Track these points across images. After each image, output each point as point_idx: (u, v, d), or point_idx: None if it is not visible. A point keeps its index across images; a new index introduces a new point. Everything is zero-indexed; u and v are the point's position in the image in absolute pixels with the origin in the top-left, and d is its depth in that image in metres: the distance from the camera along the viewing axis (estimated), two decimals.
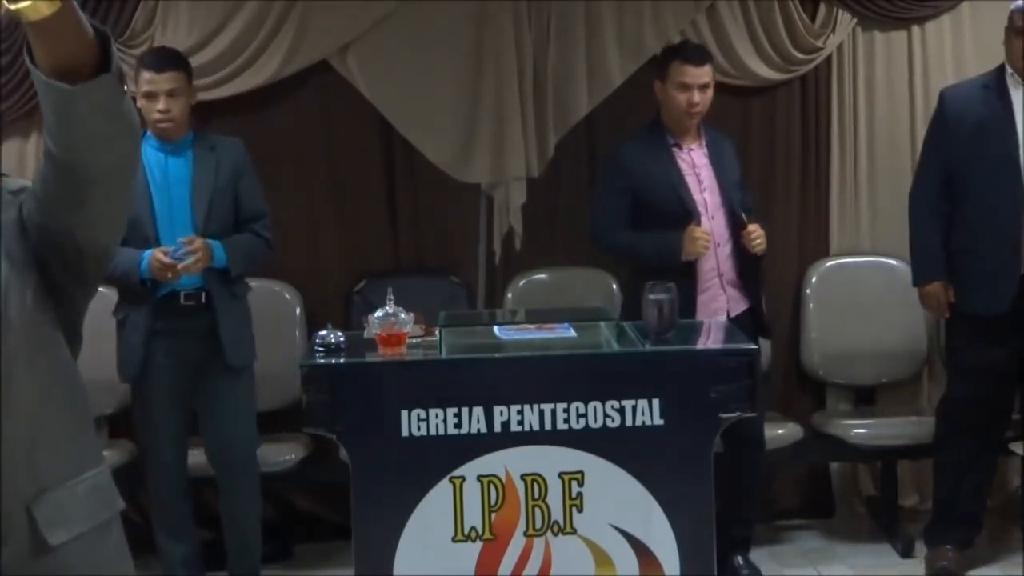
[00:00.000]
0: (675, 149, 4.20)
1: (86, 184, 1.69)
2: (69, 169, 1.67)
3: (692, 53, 4.23)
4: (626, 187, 4.17)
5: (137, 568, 3.90)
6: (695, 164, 4.21)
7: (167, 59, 4.03)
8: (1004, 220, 4.09)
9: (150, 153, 3.98)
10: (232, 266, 4.01)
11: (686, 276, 4.04)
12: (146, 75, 3.95)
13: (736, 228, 4.17)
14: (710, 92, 4.21)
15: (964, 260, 4.21)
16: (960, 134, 4.18)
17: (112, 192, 1.75)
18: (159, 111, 3.94)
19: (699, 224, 4.09)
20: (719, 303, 4.16)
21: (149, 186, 3.95)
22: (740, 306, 4.21)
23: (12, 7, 1.53)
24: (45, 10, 1.53)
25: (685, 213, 4.11)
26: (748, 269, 4.22)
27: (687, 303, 3.94)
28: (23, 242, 1.76)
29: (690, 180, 4.19)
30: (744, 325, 4.02)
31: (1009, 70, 4.19)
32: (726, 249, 4.19)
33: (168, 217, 3.97)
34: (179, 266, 3.85)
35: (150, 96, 3.94)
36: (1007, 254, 4.09)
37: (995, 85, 4.21)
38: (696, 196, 4.16)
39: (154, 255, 3.85)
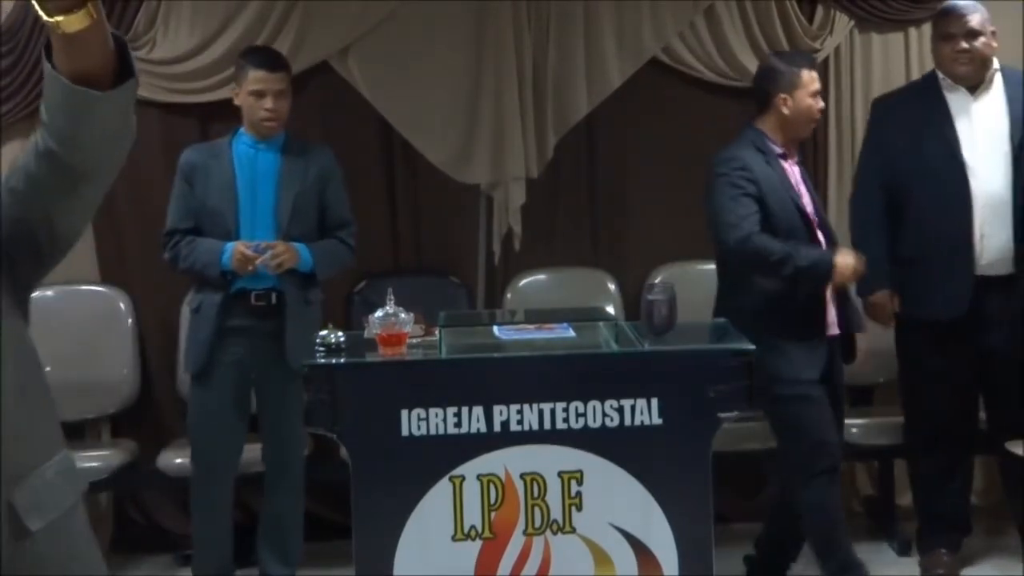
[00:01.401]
0: (782, 159, 4.02)
1: (82, 179, 1.75)
2: (69, 166, 1.72)
3: (814, 60, 4.19)
4: (756, 192, 3.89)
5: (136, 568, 3.89)
6: (796, 178, 4.06)
7: (279, 59, 4.10)
8: (955, 221, 4.09)
9: (241, 149, 4.03)
10: (319, 269, 4.06)
11: (817, 293, 3.94)
12: (258, 74, 3.98)
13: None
14: None
15: (916, 266, 4.18)
16: (898, 141, 4.18)
17: (103, 186, 1.82)
18: (267, 110, 3.98)
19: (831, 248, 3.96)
20: (832, 317, 4.02)
21: (236, 180, 3.98)
22: (836, 326, 4.10)
23: (49, 19, 1.60)
24: (79, 23, 1.61)
25: (806, 224, 3.96)
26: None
27: (816, 317, 3.93)
28: None
29: (800, 191, 4.03)
30: (838, 345, 4.00)
31: (940, 75, 4.21)
32: None
33: (250, 213, 4.01)
34: (257, 261, 3.88)
35: (259, 95, 3.97)
36: (960, 255, 4.09)
37: (927, 90, 4.22)
38: (808, 208, 4.01)
39: (237, 247, 3.90)
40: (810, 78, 4.00)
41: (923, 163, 4.13)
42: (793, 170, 4.05)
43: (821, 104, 4.05)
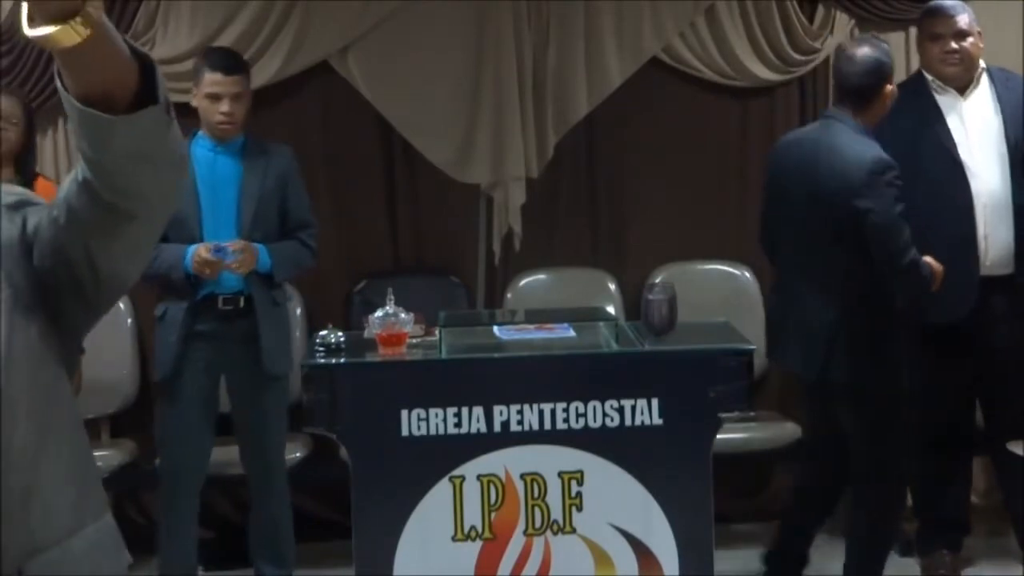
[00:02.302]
0: None
1: (124, 219, 1.51)
2: (107, 201, 1.49)
3: None
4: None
5: (136, 568, 3.89)
6: None
7: (236, 62, 4.04)
8: (958, 223, 4.04)
9: (200, 152, 3.99)
10: (276, 271, 4.00)
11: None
12: (214, 76, 3.94)
13: None
14: None
15: None
16: (892, 144, 4.12)
17: (151, 228, 1.58)
18: (223, 114, 3.93)
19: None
20: None
21: (197, 184, 3.96)
22: None
23: (35, 34, 1.34)
24: (75, 36, 1.34)
25: None
26: None
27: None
28: (26, 266, 1.57)
29: None
30: None
31: (928, 76, 4.19)
32: None
33: (213, 216, 3.97)
34: (223, 263, 3.84)
35: (214, 97, 3.94)
36: (965, 257, 4.05)
37: (917, 92, 4.17)
38: None
39: (197, 251, 3.86)
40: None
41: (921, 166, 4.09)
42: None
43: None
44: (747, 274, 4.94)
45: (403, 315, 3.43)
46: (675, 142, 4.97)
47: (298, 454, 4.51)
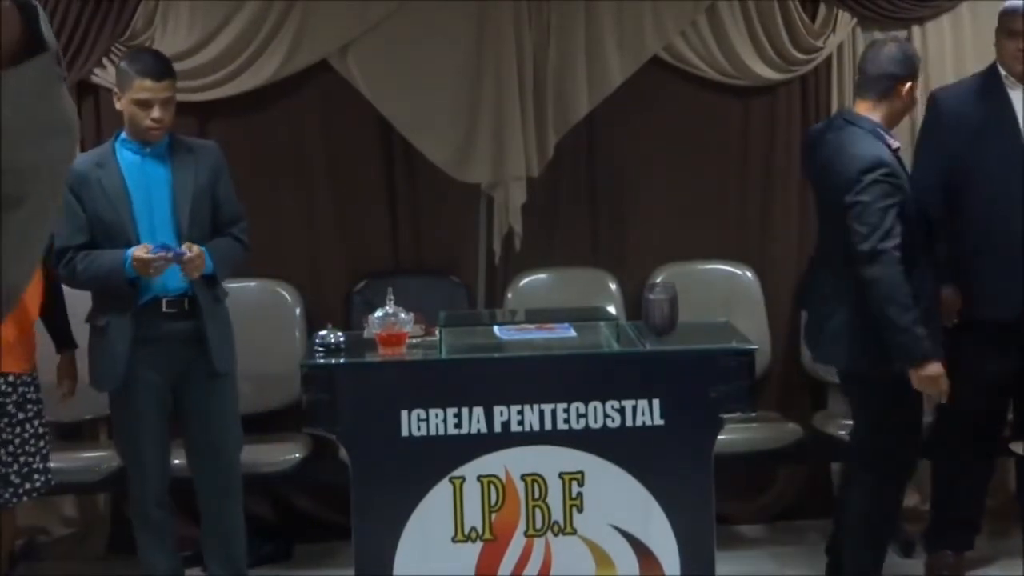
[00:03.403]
0: (896, 154, 3.88)
1: (10, 205, 1.25)
2: None
3: None
4: (901, 201, 3.74)
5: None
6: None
7: (166, 68, 4.00)
8: (1016, 218, 4.03)
9: (126, 155, 3.94)
10: (218, 271, 3.97)
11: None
12: (145, 83, 3.88)
13: None
14: None
15: (971, 264, 4.11)
16: (959, 136, 4.13)
17: (42, 213, 1.29)
18: (154, 119, 3.88)
19: None
20: None
21: (128, 188, 3.92)
22: None
23: None
24: None
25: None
26: None
27: None
28: None
29: None
30: None
31: (1002, 71, 4.19)
32: None
33: (148, 220, 3.92)
34: (170, 258, 3.79)
35: (144, 104, 3.89)
36: (1020, 252, 4.02)
37: (990, 86, 4.18)
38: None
39: (135, 253, 3.78)
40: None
41: (983, 159, 4.08)
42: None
43: None
44: (748, 274, 4.93)
45: (403, 315, 3.42)
46: (676, 141, 4.96)
47: (298, 454, 4.50)
